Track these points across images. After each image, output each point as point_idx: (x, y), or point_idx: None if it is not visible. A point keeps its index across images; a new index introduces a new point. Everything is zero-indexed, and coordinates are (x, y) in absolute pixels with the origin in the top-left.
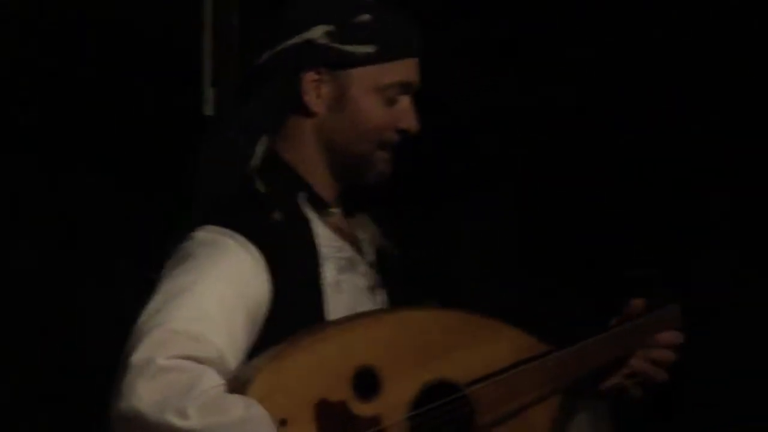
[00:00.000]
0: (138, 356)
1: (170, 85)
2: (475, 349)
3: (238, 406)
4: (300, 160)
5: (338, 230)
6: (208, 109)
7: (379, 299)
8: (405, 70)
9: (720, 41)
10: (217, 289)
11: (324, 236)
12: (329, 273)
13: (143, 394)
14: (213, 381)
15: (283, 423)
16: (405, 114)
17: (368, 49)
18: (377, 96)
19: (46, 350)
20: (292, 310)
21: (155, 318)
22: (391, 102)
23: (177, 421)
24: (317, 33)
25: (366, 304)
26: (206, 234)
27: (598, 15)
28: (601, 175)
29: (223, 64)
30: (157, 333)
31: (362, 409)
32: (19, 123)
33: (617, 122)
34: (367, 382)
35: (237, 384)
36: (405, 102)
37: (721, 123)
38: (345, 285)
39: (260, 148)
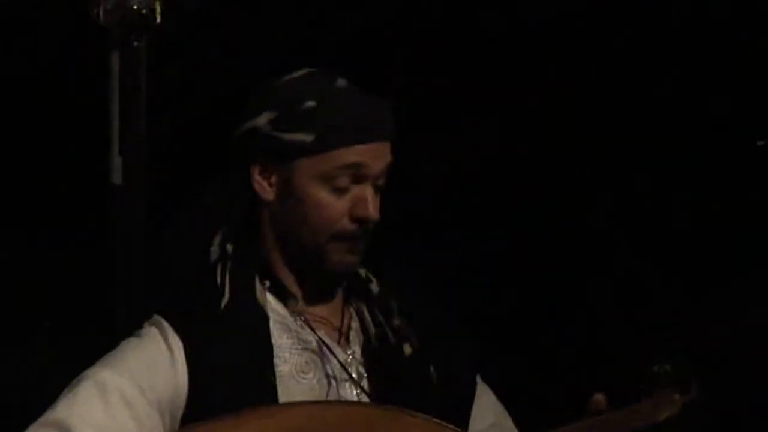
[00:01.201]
0: None
1: (78, 155)
2: None
3: None
4: (263, 250)
5: (309, 321)
6: (117, 178)
7: (350, 393)
8: (352, 156)
9: None
10: (109, 385)
11: (284, 328)
12: (283, 365)
13: None
14: None
15: None
16: (358, 202)
17: (307, 137)
18: (323, 185)
19: None
20: (220, 401)
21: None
22: (341, 191)
23: None
24: (262, 120)
25: (331, 396)
26: (146, 325)
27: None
28: None
29: (130, 133)
30: (38, 422)
31: None
32: None
33: None
34: None
35: None
36: (359, 189)
37: None
38: (303, 377)
39: (217, 239)
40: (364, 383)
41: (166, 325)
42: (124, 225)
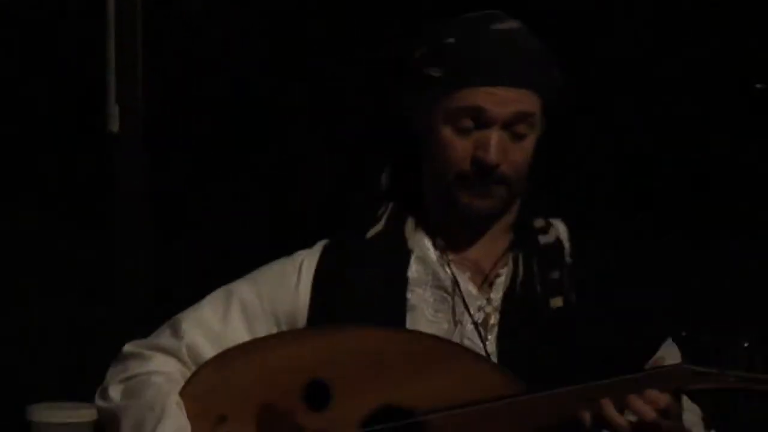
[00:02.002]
0: None
1: (77, 104)
2: (439, 377)
3: (159, 393)
4: (423, 187)
5: (454, 261)
6: (114, 126)
7: (473, 338)
8: (471, 98)
9: None
10: (237, 295)
11: (423, 264)
12: (415, 299)
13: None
14: (152, 367)
15: (222, 419)
16: (480, 145)
17: (437, 73)
18: (448, 124)
19: None
20: (340, 319)
21: None
22: (465, 132)
23: (100, 402)
24: (416, 54)
25: (455, 338)
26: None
27: None
28: None
29: (126, 82)
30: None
31: (309, 419)
32: None
33: None
34: (318, 395)
35: (190, 375)
36: (483, 133)
37: None
38: (433, 315)
39: (385, 172)
40: (494, 330)
41: (315, 248)
42: (122, 171)
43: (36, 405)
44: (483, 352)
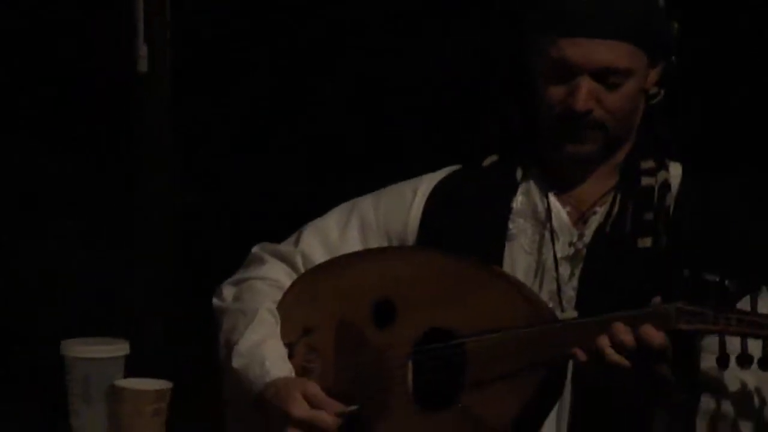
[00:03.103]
0: None
1: (106, 44)
2: (485, 303)
3: (260, 299)
4: (537, 127)
5: (556, 194)
6: (143, 66)
7: (552, 268)
8: (554, 50)
9: None
10: (359, 210)
11: (528, 195)
12: (516, 229)
13: None
14: (265, 272)
15: (307, 331)
16: (570, 92)
17: (534, 18)
18: (544, 73)
19: None
20: (447, 244)
21: None
22: (558, 79)
23: (215, 300)
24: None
25: (540, 266)
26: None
27: None
28: None
29: (154, 23)
30: None
31: (374, 335)
32: None
33: None
34: (384, 313)
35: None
36: (575, 81)
37: None
38: (526, 241)
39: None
40: (580, 265)
41: (438, 173)
42: (151, 110)
43: (68, 340)
44: (570, 287)
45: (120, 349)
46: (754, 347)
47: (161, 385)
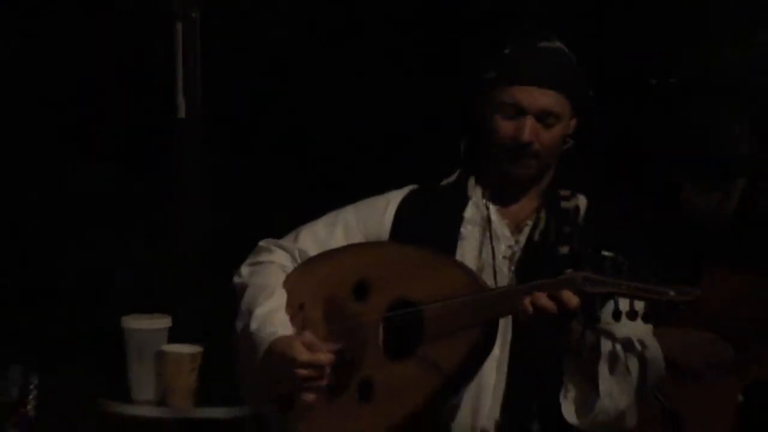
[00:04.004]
0: None
1: (150, 95)
2: (439, 279)
3: (272, 277)
4: (483, 156)
5: (497, 208)
6: (181, 113)
7: (490, 273)
8: (507, 94)
9: None
10: (342, 216)
11: (476, 208)
12: (464, 230)
13: None
14: (273, 258)
15: (301, 307)
16: (517, 127)
17: (491, 75)
18: (497, 112)
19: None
20: (410, 242)
21: None
22: (508, 118)
23: (235, 278)
24: (483, 63)
25: (483, 261)
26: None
27: None
28: None
29: (191, 78)
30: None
31: (353, 306)
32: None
33: None
34: (361, 290)
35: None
36: (520, 119)
37: None
38: (474, 243)
39: (462, 145)
40: (515, 261)
41: (403, 189)
42: (187, 149)
43: (127, 316)
44: (508, 278)
45: (164, 322)
46: (639, 305)
47: (195, 349)
